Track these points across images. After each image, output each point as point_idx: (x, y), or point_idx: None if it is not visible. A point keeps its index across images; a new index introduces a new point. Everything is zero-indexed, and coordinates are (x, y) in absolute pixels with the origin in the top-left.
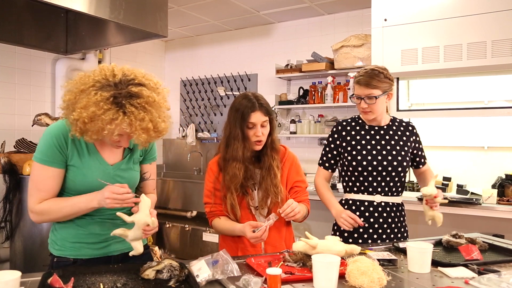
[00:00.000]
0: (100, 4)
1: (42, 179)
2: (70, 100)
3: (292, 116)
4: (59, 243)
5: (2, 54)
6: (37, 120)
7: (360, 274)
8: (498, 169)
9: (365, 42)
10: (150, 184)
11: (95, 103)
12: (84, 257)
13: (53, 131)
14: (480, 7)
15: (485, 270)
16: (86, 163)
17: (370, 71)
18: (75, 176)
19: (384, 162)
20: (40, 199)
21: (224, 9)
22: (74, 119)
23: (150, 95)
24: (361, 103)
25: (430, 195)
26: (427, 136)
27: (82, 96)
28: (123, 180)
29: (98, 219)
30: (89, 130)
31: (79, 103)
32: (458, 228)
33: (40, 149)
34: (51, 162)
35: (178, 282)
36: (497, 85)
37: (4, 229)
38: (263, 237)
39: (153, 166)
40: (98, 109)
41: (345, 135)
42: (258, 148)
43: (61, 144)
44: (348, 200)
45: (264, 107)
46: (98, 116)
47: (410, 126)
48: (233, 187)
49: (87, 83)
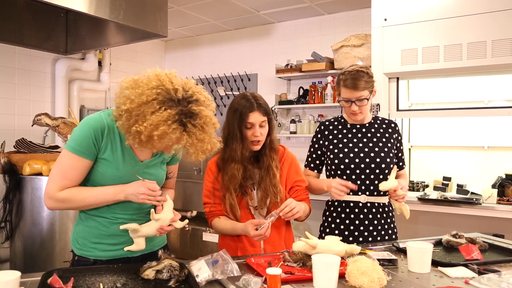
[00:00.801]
0: (100, 4)
1: (70, 168)
2: (131, 110)
3: (292, 116)
4: (80, 242)
5: (2, 54)
6: (37, 120)
7: (360, 274)
8: (498, 169)
9: (365, 42)
10: (172, 182)
11: (164, 121)
12: (104, 258)
13: (91, 123)
14: (480, 7)
15: (485, 270)
16: (118, 158)
17: (356, 72)
18: (106, 169)
19: (367, 159)
20: (62, 187)
21: (224, 9)
22: (137, 131)
23: (207, 114)
24: (351, 106)
25: (390, 189)
26: (427, 136)
27: (146, 109)
28: (151, 177)
29: (121, 220)
30: (152, 144)
31: (146, 118)
32: (458, 228)
33: (74, 138)
34: (82, 153)
35: (178, 282)
36: (497, 85)
37: (4, 229)
38: (266, 234)
39: (177, 166)
40: (168, 128)
41: (328, 134)
42: (257, 149)
43: (97, 137)
44: (334, 201)
45: (263, 107)
46: (167, 134)
47: (393, 124)
48: (232, 187)
49: (149, 94)
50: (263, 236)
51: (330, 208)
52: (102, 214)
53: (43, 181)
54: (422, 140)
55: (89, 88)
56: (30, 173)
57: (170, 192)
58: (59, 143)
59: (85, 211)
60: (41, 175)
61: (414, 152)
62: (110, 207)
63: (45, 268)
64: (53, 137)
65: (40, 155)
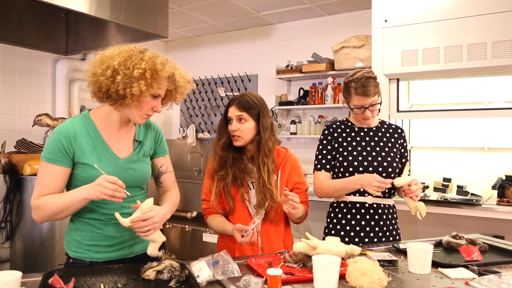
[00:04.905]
0: (100, 5)
1: (44, 176)
2: (119, 64)
3: (292, 117)
4: (74, 244)
5: (2, 54)
6: (38, 121)
7: (361, 275)
8: (498, 170)
9: (366, 43)
10: (169, 177)
11: (153, 57)
12: (100, 260)
13: (60, 130)
14: (480, 8)
15: (486, 271)
16: (96, 159)
17: (365, 79)
18: (85, 173)
19: (375, 162)
20: (39, 195)
21: (225, 9)
22: (134, 75)
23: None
24: (364, 112)
25: (404, 184)
26: (427, 138)
27: (133, 55)
28: (135, 173)
29: (114, 221)
30: (152, 83)
31: (137, 59)
32: (458, 229)
33: (46, 148)
34: (55, 160)
35: (179, 283)
36: (497, 86)
37: (4, 229)
38: (253, 240)
39: (166, 158)
40: (160, 61)
41: (337, 136)
42: (236, 144)
43: (67, 142)
44: (339, 202)
45: (241, 103)
46: (162, 66)
47: (399, 129)
48: (216, 177)
49: (126, 50)
50: (249, 242)
51: (335, 210)
52: (95, 216)
53: None
54: (422, 141)
55: None
56: (31, 173)
57: (173, 194)
58: None
59: (75, 214)
60: None
61: (414, 153)
62: (102, 210)
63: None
64: None
65: (40, 156)
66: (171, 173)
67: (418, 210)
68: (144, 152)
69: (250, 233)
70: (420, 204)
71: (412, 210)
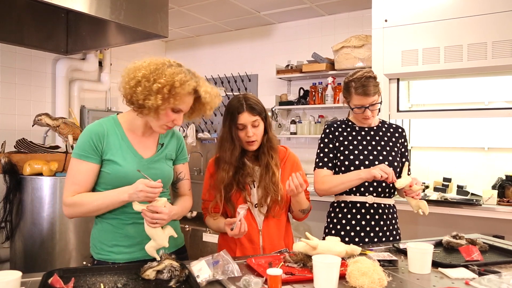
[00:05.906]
0: (100, 5)
1: (76, 172)
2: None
3: (293, 117)
4: (98, 246)
5: (2, 54)
6: (38, 120)
7: (361, 275)
8: (498, 170)
9: (366, 43)
10: (186, 184)
11: (180, 72)
12: (121, 261)
13: (90, 128)
14: (480, 8)
15: (486, 271)
16: (121, 156)
17: (365, 79)
18: (110, 169)
19: (376, 161)
20: (73, 192)
21: (225, 9)
22: (158, 88)
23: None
24: (365, 112)
25: (406, 185)
26: (427, 137)
27: (161, 67)
28: (157, 172)
29: (133, 221)
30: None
31: (163, 73)
32: (458, 229)
33: (77, 145)
34: (86, 157)
35: (179, 283)
36: (498, 86)
37: (4, 229)
38: (242, 231)
39: (186, 166)
40: (185, 76)
41: (338, 135)
42: (252, 148)
43: (97, 140)
44: (340, 202)
45: (253, 107)
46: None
47: (400, 129)
48: (222, 187)
49: (156, 63)
50: (240, 233)
51: (335, 209)
52: (115, 215)
53: (44, 181)
54: (422, 141)
55: (90, 88)
56: (31, 173)
57: (186, 200)
58: (60, 144)
59: (99, 215)
60: (41, 175)
61: (414, 153)
62: (121, 208)
63: (45, 268)
64: (53, 137)
65: (40, 155)
66: (188, 181)
67: (420, 208)
68: (166, 155)
69: (238, 225)
70: (422, 202)
71: (414, 208)
